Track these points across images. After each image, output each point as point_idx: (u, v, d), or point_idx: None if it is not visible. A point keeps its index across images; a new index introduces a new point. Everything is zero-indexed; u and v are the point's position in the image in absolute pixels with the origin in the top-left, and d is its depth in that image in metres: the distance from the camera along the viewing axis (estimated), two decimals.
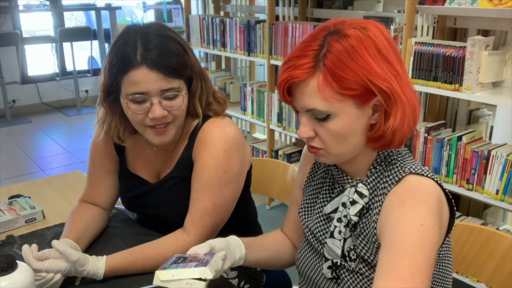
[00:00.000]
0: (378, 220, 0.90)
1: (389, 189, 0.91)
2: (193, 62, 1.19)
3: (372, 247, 0.92)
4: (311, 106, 0.87)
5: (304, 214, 1.10)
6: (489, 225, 2.36)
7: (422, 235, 0.82)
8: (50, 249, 1.09)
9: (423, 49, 2.17)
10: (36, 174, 3.93)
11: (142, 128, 1.19)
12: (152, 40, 1.13)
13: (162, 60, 1.11)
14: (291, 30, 2.84)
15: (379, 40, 0.86)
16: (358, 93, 0.85)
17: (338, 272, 0.98)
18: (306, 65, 0.85)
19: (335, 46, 0.84)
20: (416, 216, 0.84)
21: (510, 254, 1.12)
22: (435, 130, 2.26)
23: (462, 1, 2.14)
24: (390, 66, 0.86)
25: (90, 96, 6.08)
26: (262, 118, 3.28)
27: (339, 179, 1.02)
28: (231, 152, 1.22)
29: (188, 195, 1.24)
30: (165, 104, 1.14)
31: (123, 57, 1.12)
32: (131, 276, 1.14)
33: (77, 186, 1.70)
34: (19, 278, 0.93)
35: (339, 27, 0.87)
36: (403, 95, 0.87)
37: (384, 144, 0.90)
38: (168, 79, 1.12)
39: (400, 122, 0.88)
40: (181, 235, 1.21)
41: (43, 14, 5.99)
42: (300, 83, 0.87)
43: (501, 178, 2.01)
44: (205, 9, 4.15)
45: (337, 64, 0.83)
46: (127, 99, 1.14)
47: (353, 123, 0.88)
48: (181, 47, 1.17)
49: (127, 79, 1.12)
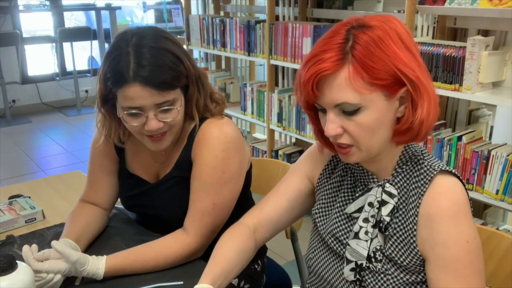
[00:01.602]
0: (419, 227, 0.92)
1: (423, 190, 0.92)
2: (188, 69, 1.17)
3: (407, 250, 0.93)
4: (342, 100, 0.86)
5: (320, 216, 1.08)
6: (489, 225, 2.36)
7: (470, 253, 0.89)
8: (50, 249, 1.09)
9: (423, 49, 2.17)
10: (36, 174, 3.93)
11: (140, 136, 1.20)
12: (145, 55, 1.10)
13: (155, 76, 1.09)
14: (291, 30, 2.84)
15: (401, 31, 0.87)
16: (388, 83, 0.85)
17: (362, 274, 0.97)
18: (334, 57, 0.85)
19: (362, 37, 0.85)
20: (460, 232, 0.89)
21: (510, 254, 1.12)
22: (435, 130, 2.26)
23: (462, 1, 2.14)
24: (413, 57, 0.87)
25: (90, 96, 6.08)
26: (262, 118, 3.28)
27: (363, 178, 1.01)
28: (230, 151, 1.21)
29: (187, 195, 1.24)
30: (160, 116, 1.14)
31: (116, 72, 1.10)
32: (131, 276, 1.14)
33: (77, 186, 1.70)
34: (19, 278, 0.93)
35: (362, 21, 0.88)
36: (428, 86, 0.89)
37: (411, 137, 0.91)
38: (162, 93, 1.11)
39: (427, 113, 0.89)
40: (181, 235, 1.21)
41: (43, 14, 5.99)
42: (329, 77, 0.86)
43: (501, 178, 2.01)
44: (205, 9, 4.15)
45: (367, 55, 0.84)
46: (123, 112, 1.14)
47: (382, 115, 0.88)
48: (175, 57, 1.14)
49: (121, 94, 1.11)
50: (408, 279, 0.94)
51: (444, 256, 0.89)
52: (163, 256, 1.17)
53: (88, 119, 5.43)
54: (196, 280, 1.04)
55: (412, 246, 0.93)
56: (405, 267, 0.94)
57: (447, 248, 0.89)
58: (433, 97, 0.90)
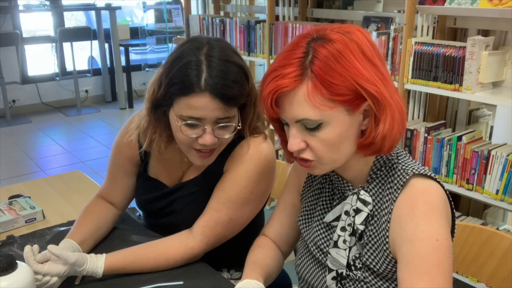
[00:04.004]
0: (390, 230, 0.89)
1: (396, 195, 0.90)
2: (251, 88, 1.15)
3: (381, 257, 0.91)
4: (301, 116, 0.84)
5: (303, 223, 1.08)
6: (489, 225, 2.36)
7: (439, 251, 0.83)
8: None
9: (423, 49, 2.17)
10: (36, 174, 3.93)
11: (187, 148, 1.17)
12: (216, 66, 1.07)
13: (226, 89, 1.07)
14: (291, 30, 2.84)
15: (363, 43, 0.84)
16: (349, 99, 0.83)
17: (343, 282, 0.96)
18: (292, 73, 0.82)
19: (321, 51, 0.82)
20: (430, 229, 0.84)
21: (510, 254, 1.12)
22: (435, 130, 2.26)
23: (462, 1, 2.14)
24: (376, 69, 0.84)
25: (90, 96, 6.08)
26: None
27: (339, 186, 0.99)
28: (264, 175, 1.21)
29: (205, 204, 1.22)
30: (217, 132, 1.12)
31: (186, 78, 1.06)
32: (131, 276, 1.14)
33: (77, 186, 1.70)
34: (19, 278, 0.93)
35: (322, 33, 0.85)
36: (391, 99, 0.85)
37: (375, 151, 0.88)
38: (227, 108, 1.09)
39: (390, 127, 0.86)
40: (186, 238, 1.19)
41: (43, 14, 5.99)
42: (289, 93, 0.83)
43: (501, 178, 2.01)
44: (205, 9, 4.14)
45: (325, 70, 0.81)
46: (180, 121, 1.11)
47: (345, 129, 0.86)
48: (243, 73, 1.12)
49: (186, 102, 1.08)
50: (387, 287, 0.93)
51: (409, 253, 0.84)
52: (164, 258, 1.16)
53: (88, 119, 5.43)
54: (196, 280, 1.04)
55: (386, 252, 0.90)
56: (381, 275, 0.92)
57: (413, 245, 0.84)
58: (398, 109, 0.87)
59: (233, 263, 1.35)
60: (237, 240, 1.26)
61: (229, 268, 1.36)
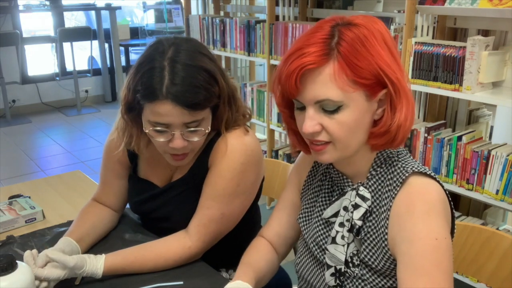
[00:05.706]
0: (389, 228, 0.89)
1: (395, 192, 0.90)
2: (222, 88, 1.14)
3: (380, 254, 0.91)
4: (324, 97, 0.84)
5: (303, 221, 1.08)
6: (489, 225, 2.36)
7: (438, 251, 0.83)
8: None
9: (423, 49, 2.17)
10: (36, 174, 3.93)
11: (162, 150, 1.18)
12: (180, 72, 1.07)
13: (188, 96, 1.06)
14: (291, 30, 2.84)
15: (385, 33, 0.87)
16: (370, 83, 0.84)
17: (342, 279, 0.96)
18: (318, 52, 0.83)
19: (348, 34, 0.84)
20: (429, 228, 0.84)
21: (510, 254, 1.12)
22: (435, 130, 2.26)
23: (462, 1, 2.14)
24: (395, 60, 0.87)
25: (90, 96, 6.08)
26: (262, 118, 3.28)
27: (339, 182, 1.00)
28: (248, 165, 1.20)
29: (197, 202, 1.23)
30: (187, 135, 1.12)
31: (148, 86, 1.07)
32: (131, 276, 1.14)
33: (77, 186, 1.70)
34: (19, 278, 0.93)
35: (347, 19, 0.87)
36: (408, 91, 0.88)
37: (387, 141, 0.89)
38: (193, 113, 1.08)
39: (405, 117, 0.88)
40: (183, 238, 1.20)
41: (43, 14, 5.99)
42: (314, 72, 0.83)
43: (501, 178, 2.01)
44: (205, 9, 4.14)
45: (352, 52, 0.83)
46: (149, 126, 1.12)
47: (361, 115, 0.86)
48: (211, 77, 1.10)
49: (150, 108, 1.08)
50: (384, 284, 0.93)
51: (408, 252, 0.84)
52: (163, 258, 1.17)
53: (88, 119, 5.43)
54: (196, 280, 1.04)
55: (385, 249, 0.90)
56: (379, 272, 0.92)
57: (412, 244, 0.84)
58: (411, 102, 0.89)
59: (232, 263, 1.35)
60: (235, 240, 1.27)
61: (228, 268, 1.36)
